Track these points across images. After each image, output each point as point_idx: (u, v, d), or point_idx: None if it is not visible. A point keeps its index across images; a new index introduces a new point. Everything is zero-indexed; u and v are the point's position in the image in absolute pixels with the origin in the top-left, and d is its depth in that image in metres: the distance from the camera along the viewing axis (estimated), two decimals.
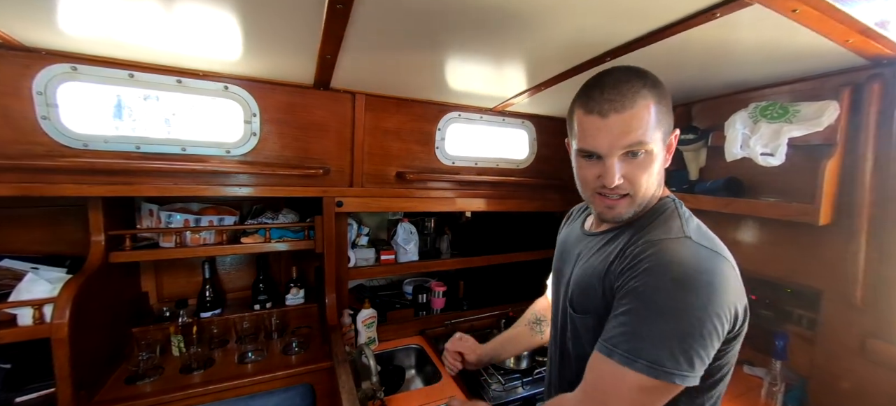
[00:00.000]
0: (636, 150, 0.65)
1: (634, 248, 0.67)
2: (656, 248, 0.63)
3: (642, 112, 0.63)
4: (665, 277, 0.59)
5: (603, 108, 0.64)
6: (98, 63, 1.15)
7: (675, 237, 0.64)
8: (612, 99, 0.64)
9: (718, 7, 0.73)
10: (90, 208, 1.28)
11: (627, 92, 0.63)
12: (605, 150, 0.66)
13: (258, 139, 1.40)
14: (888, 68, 0.96)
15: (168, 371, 1.35)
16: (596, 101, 0.65)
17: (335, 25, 0.85)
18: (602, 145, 0.66)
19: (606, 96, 0.64)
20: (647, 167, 0.66)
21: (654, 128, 0.65)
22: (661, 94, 0.66)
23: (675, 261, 0.60)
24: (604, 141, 0.65)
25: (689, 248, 0.62)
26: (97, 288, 1.25)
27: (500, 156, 1.86)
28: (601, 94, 0.65)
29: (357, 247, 1.80)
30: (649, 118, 0.64)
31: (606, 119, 0.64)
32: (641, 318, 0.60)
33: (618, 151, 0.65)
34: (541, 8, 0.80)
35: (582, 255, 0.81)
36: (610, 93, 0.64)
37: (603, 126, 0.64)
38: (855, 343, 1.07)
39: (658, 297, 0.59)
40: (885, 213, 0.99)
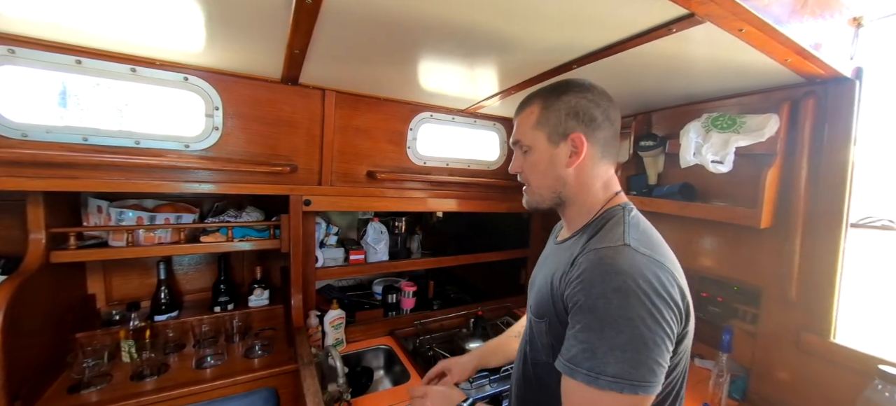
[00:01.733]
0: (521, 146, 0.81)
1: (581, 256, 0.67)
2: (597, 256, 0.64)
3: (528, 116, 0.79)
4: (607, 287, 0.60)
5: (516, 109, 0.84)
6: (40, 47, 1.06)
7: (614, 245, 0.65)
8: (520, 105, 0.83)
9: (674, 23, 0.78)
10: (29, 203, 1.18)
11: (526, 100, 0.81)
12: (512, 142, 0.84)
13: (220, 134, 1.34)
14: (820, 86, 1.06)
15: (117, 378, 1.27)
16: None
17: (304, 20, 0.84)
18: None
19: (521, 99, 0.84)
20: (533, 164, 0.79)
21: (536, 128, 0.77)
22: (558, 101, 0.75)
23: (615, 270, 0.60)
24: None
25: (627, 255, 0.62)
26: (36, 290, 1.15)
27: (471, 157, 1.88)
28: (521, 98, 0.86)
29: (325, 246, 1.77)
30: (530, 121, 0.78)
31: (515, 118, 0.84)
32: (595, 333, 0.59)
33: (513, 143, 0.84)
34: (511, 19, 0.82)
35: (548, 263, 0.85)
36: (524, 98, 0.83)
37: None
38: (790, 336, 1.17)
39: (605, 308, 0.59)
40: (817, 218, 1.09)
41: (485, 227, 2.22)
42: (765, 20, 0.70)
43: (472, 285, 2.27)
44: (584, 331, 0.61)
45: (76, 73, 1.13)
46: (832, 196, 1.06)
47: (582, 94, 0.75)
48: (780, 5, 0.72)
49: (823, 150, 1.07)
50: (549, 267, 0.79)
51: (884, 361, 0.96)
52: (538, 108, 0.76)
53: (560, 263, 0.74)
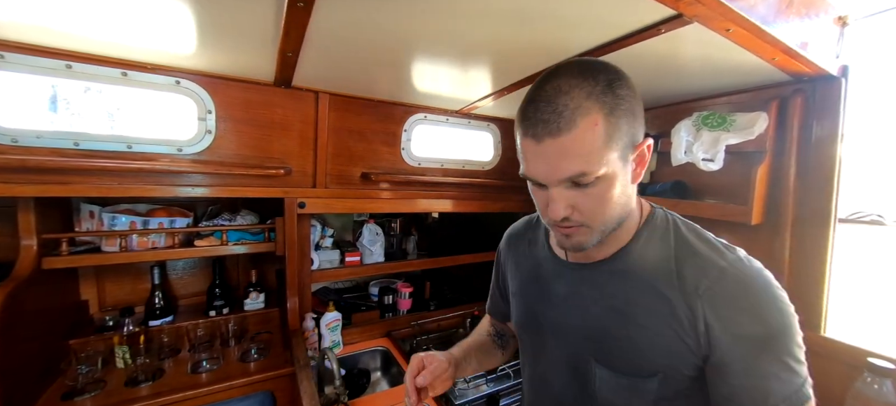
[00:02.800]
0: (580, 180, 0.53)
1: (713, 283, 0.56)
2: (740, 274, 0.56)
3: (586, 134, 0.51)
4: (777, 304, 0.55)
5: (536, 131, 0.52)
6: (30, 51, 1.06)
7: (735, 257, 0.59)
8: (546, 120, 0.51)
9: (663, 23, 0.79)
10: (20, 209, 1.17)
11: (564, 109, 0.51)
12: (544, 177, 0.55)
13: (213, 137, 1.33)
14: (808, 84, 1.08)
15: (111, 385, 1.26)
16: (530, 120, 0.53)
17: (296, 24, 0.84)
18: (539, 174, 0.56)
19: (540, 115, 0.52)
20: (601, 195, 0.55)
21: (605, 148, 0.52)
22: (617, 99, 0.53)
23: (767, 282, 0.56)
24: (540, 169, 0.55)
25: (754, 263, 0.59)
26: (27, 297, 1.14)
27: (465, 157, 1.89)
28: (535, 111, 0.53)
29: (321, 249, 1.77)
30: (596, 138, 0.51)
31: (541, 144, 0.53)
32: (796, 358, 0.54)
33: (552, 182, 0.54)
34: (502, 22, 0.82)
35: (584, 296, 0.66)
36: (544, 110, 0.52)
37: (538, 152, 0.54)
38: None
39: (790, 325, 0.54)
40: (806, 213, 1.11)
41: (480, 226, 2.23)
42: (751, 20, 0.71)
43: (468, 285, 2.28)
44: (788, 359, 0.53)
45: (67, 77, 1.12)
46: (820, 192, 1.08)
47: (620, 77, 0.56)
48: (766, 5, 0.73)
49: (811, 147, 1.09)
50: (607, 300, 0.64)
51: (873, 354, 0.98)
52: (600, 116, 0.51)
53: (628, 291, 0.62)
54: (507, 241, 0.89)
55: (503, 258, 0.90)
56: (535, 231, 0.82)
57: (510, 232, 0.90)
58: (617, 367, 0.63)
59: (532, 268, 0.78)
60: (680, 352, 0.58)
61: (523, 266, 0.81)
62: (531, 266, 0.79)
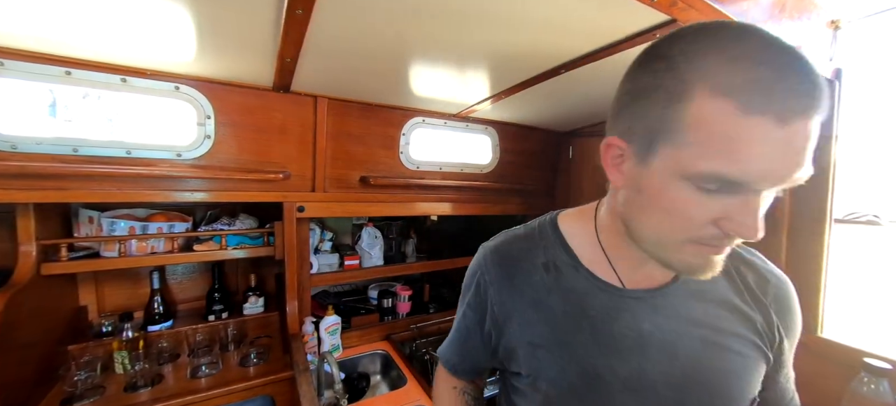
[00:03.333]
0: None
1: (767, 283, 0.56)
2: (780, 275, 0.59)
3: (819, 120, 0.37)
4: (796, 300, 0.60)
5: (787, 106, 0.35)
6: (30, 58, 1.06)
7: (767, 261, 0.61)
8: (801, 91, 0.35)
9: (657, 28, 0.80)
10: (19, 215, 1.17)
11: (818, 80, 0.36)
12: (770, 183, 0.38)
13: (213, 142, 1.34)
14: None
15: (110, 390, 1.26)
16: (773, 93, 0.35)
17: (294, 30, 0.84)
18: (768, 176, 0.37)
19: (793, 84, 0.35)
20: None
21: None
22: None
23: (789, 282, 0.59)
24: (776, 168, 0.37)
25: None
26: (26, 303, 1.14)
27: (464, 161, 1.90)
28: (779, 78, 0.35)
29: (320, 252, 1.77)
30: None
31: (787, 127, 0.35)
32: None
33: (779, 187, 0.39)
34: (498, 28, 0.83)
35: (666, 331, 0.52)
36: (796, 78, 0.35)
37: (780, 140, 0.36)
38: None
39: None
40: (802, 214, 1.12)
41: (479, 229, 2.24)
42: None
43: None
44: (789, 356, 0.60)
45: (66, 83, 1.13)
46: (816, 193, 1.09)
47: None
48: (758, 10, 0.75)
49: None
50: (695, 330, 0.53)
51: (869, 354, 0.99)
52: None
53: (710, 314, 0.53)
54: (499, 267, 0.61)
55: (494, 292, 0.60)
56: (550, 250, 0.59)
57: (499, 253, 0.62)
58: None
59: (569, 304, 0.55)
60: (762, 369, 0.55)
61: (549, 303, 0.56)
62: (565, 301, 0.55)
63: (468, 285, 0.66)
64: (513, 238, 0.64)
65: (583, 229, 0.59)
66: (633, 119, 0.44)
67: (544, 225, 0.63)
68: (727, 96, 0.36)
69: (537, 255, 0.59)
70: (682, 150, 0.39)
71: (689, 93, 0.38)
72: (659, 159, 0.41)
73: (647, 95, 0.41)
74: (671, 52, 0.40)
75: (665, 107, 0.39)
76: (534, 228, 0.63)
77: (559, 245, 0.59)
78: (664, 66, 0.40)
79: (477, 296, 0.63)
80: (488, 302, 0.61)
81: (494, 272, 0.61)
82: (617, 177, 0.48)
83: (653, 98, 0.41)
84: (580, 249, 0.57)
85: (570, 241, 0.58)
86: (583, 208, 0.62)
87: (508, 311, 0.59)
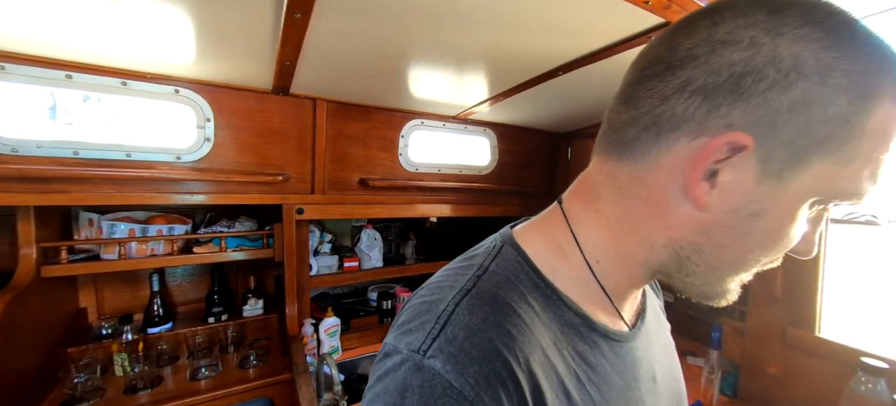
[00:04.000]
0: None
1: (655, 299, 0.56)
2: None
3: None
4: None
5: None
6: (31, 62, 1.07)
7: None
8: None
9: (652, 31, 0.81)
10: (19, 218, 1.17)
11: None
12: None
13: (212, 145, 1.34)
14: None
15: (110, 393, 1.26)
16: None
17: (294, 34, 0.85)
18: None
19: None
20: None
21: None
22: None
23: None
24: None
25: None
26: (26, 305, 1.15)
27: (462, 162, 1.90)
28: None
29: (319, 254, 1.77)
30: None
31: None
32: None
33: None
34: (497, 31, 0.84)
35: (662, 363, 0.48)
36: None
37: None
38: (777, 331, 1.19)
39: None
40: None
41: (478, 230, 2.24)
42: None
43: None
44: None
45: (66, 87, 1.14)
46: None
47: None
48: None
49: None
50: (668, 349, 0.53)
51: (866, 354, 0.99)
52: None
53: (657, 315, 0.54)
54: (490, 384, 0.31)
55: (531, 392, 0.33)
56: (548, 313, 0.38)
57: (481, 352, 0.32)
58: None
59: (607, 390, 0.39)
60: None
61: (585, 400, 0.37)
62: (602, 389, 0.39)
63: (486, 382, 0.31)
64: (485, 311, 0.35)
65: (562, 262, 0.40)
66: (772, 115, 0.30)
67: (511, 266, 0.39)
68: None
69: (538, 327, 0.36)
70: (846, 168, 0.31)
71: (876, 95, 0.29)
72: (807, 175, 0.31)
73: (832, 116, 0.30)
74: (853, 37, 0.30)
75: (845, 108, 0.29)
76: (500, 279, 0.38)
77: (553, 297, 0.39)
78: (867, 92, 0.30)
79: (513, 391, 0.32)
80: (525, 391, 0.32)
81: (487, 388, 0.31)
82: (705, 194, 0.33)
83: (838, 118, 0.30)
84: (576, 296, 0.40)
85: (557, 285, 0.39)
86: (543, 226, 0.43)
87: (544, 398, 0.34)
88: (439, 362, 0.31)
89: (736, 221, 0.33)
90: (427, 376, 0.31)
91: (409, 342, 0.33)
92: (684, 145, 0.33)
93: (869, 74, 0.29)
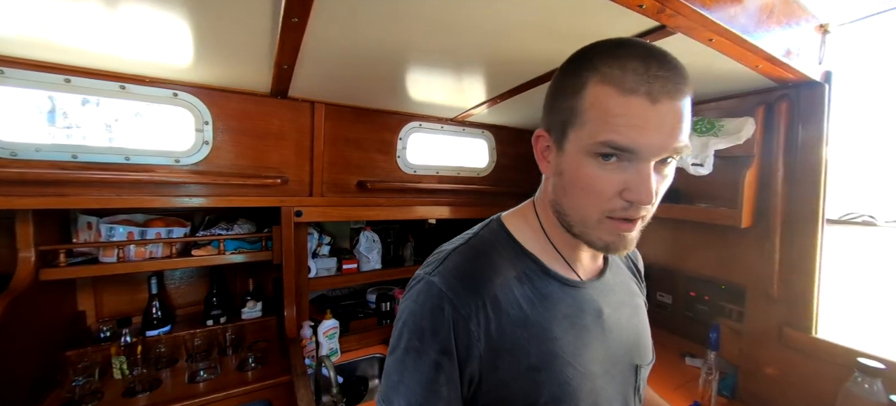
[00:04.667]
0: (673, 157, 0.48)
1: (635, 254, 0.73)
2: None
3: (689, 105, 0.47)
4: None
5: (653, 89, 0.44)
6: (30, 66, 1.07)
7: None
8: (666, 77, 0.44)
9: (648, 34, 0.81)
10: (18, 221, 1.18)
11: (679, 74, 0.45)
12: (650, 149, 0.45)
13: (211, 148, 1.35)
14: (793, 90, 1.10)
15: (108, 396, 1.26)
16: (641, 75, 0.44)
17: (291, 38, 0.85)
18: (648, 142, 0.45)
19: (659, 71, 0.44)
20: (669, 182, 0.51)
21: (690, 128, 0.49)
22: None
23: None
24: (653, 136, 0.45)
25: None
26: (24, 309, 1.15)
27: (460, 164, 1.91)
28: (647, 67, 0.44)
29: (318, 256, 1.77)
30: (689, 114, 0.47)
31: (657, 105, 0.44)
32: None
33: (662, 155, 0.46)
34: (493, 35, 0.85)
35: (620, 311, 0.61)
36: (662, 67, 0.44)
37: (653, 115, 0.44)
38: (774, 332, 1.20)
39: None
40: (795, 216, 1.13)
41: None
42: (732, 30, 0.73)
43: None
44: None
45: (65, 91, 1.14)
46: (808, 194, 1.10)
47: None
48: (746, 16, 0.76)
49: (798, 151, 1.11)
50: (628, 308, 0.64)
51: (863, 354, 0.99)
52: (690, 96, 0.47)
53: (633, 289, 0.68)
54: (474, 292, 0.51)
55: (476, 324, 0.50)
56: (516, 260, 0.56)
57: (465, 275, 0.53)
58: (648, 357, 0.65)
59: (550, 311, 0.55)
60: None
61: (535, 317, 0.53)
62: (546, 310, 0.54)
63: (432, 328, 0.50)
64: (471, 255, 0.55)
65: (531, 230, 0.59)
66: (552, 114, 0.52)
67: (495, 233, 0.59)
68: (610, 84, 0.46)
69: (506, 268, 0.55)
70: (583, 129, 0.48)
71: (585, 84, 0.47)
72: (570, 142, 0.49)
73: (559, 93, 0.51)
74: (576, 59, 0.51)
75: (570, 99, 0.49)
76: (487, 241, 0.58)
77: (521, 252, 0.57)
78: (572, 70, 0.50)
79: (454, 336, 0.49)
80: (471, 339, 0.50)
81: (469, 299, 0.51)
82: (545, 166, 0.55)
83: (563, 94, 0.50)
84: (538, 253, 0.58)
85: (526, 246, 0.58)
86: (521, 209, 0.63)
87: (497, 339, 0.51)
88: (437, 278, 0.52)
89: (558, 180, 0.53)
90: (431, 286, 0.52)
91: (426, 270, 0.55)
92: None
93: (580, 77, 0.48)
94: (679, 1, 0.63)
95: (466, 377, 0.51)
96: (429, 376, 0.49)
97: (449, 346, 0.49)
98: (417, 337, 0.50)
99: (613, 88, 0.45)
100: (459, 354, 0.50)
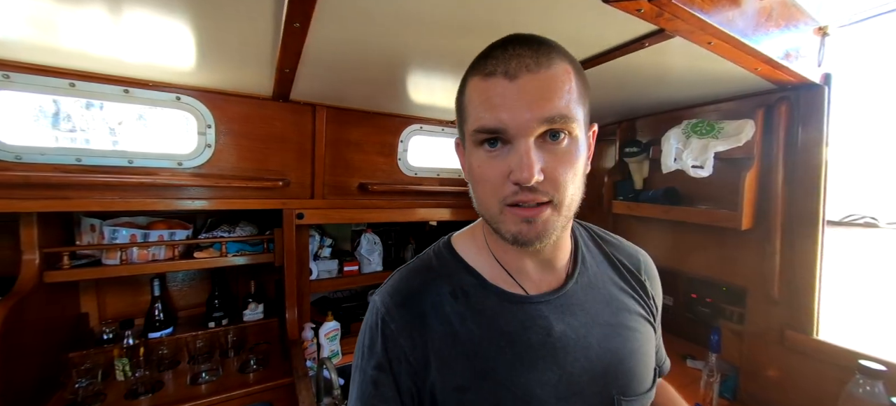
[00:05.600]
0: (558, 129, 0.46)
1: (640, 260, 0.66)
2: (648, 256, 0.68)
3: (563, 75, 0.47)
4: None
5: (509, 67, 0.46)
6: (35, 71, 1.08)
7: (633, 245, 0.70)
8: (523, 54, 0.46)
9: (646, 38, 0.82)
10: (22, 224, 1.19)
11: (540, 48, 0.47)
12: (517, 125, 0.45)
13: (213, 151, 1.36)
14: (792, 92, 1.11)
15: (111, 397, 1.26)
16: (499, 59, 0.47)
17: (293, 42, 0.86)
18: (512, 118, 0.45)
19: (516, 50, 0.47)
20: (573, 161, 0.48)
21: (578, 102, 0.48)
22: (579, 67, 0.51)
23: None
24: (515, 111, 0.45)
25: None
26: (29, 311, 1.16)
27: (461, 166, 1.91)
28: (505, 50, 0.47)
29: (319, 259, 1.78)
30: (572, 85, 0.47)
31: (516, 81, 0.45)
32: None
33: (535, 129, 0.45)
34: (493, 36, 0.85)
35: (577, 328, 0.55)
36: (518, 48, 0.47)
37: (511, 91, 0.45)
38: (775, 334, 1.20)
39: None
40: (795, 217, 1.13)
41: None
42: (730, 34, 0.74)
43: None
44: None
45: (70, 95, 1.15)
46: (808, 196, 1.10)
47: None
48: (744, 19, 0.76)
49: (798, 153, 1.12)
50: (600, 318, 0.57)
51: (864, 356, 0.99)
52: (571, 68, 0.48)
53: (619, 304, 0.59)
54: (404, 308, 0.54)
55: (406, 339, 0.53)
56: (454, 276, 0.57)
57: (399, 293, 0.56)
58: (636, 389, 0.56)
59: (485, 327, 0.53)
60: (653, 339, 0.63)
61: (465, 333, 0.52)
62: (480, 326, 0.53)
63: (369, 344, 0.54)
64: (408, 274, 0.58)
65: (477, 247, 0.59)
66: (458, 122, 0.56)
67: (439, 251, 0.61)
68: (477, 74, 0.49)
69: (441, 285, 0.55)
70: (467, 124, 0.51)
71: (466, 82, 0.52)
72: (466, 140, 0.52)
73: (457, 102, 0.55)
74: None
75: (459, 99, 0.53)
76: (428, 258, 0.60)
77: (461, 268, 0.57)
78: (462, 80, 0.54)
79: (386, 352, 0.52)
80: (402, 353, 0.52)
81: (399, 315, 0.53)
82: (465, 172, 0.56)
83: (457, 102, 0.54)
84: (481, 268, 0.57)
85: (470, 262, 0.58)
86: (472, 227, 0.63)
87: (425, 355, 0.52)
88: (378, 297, 0.57)
89: (469, 179, 0.54)
90: (373, 304, 0.57)
91: (377, 291, 0.59)
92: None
93: (464, 77, 0.52)
94: (677, 5, 0.64)
95: (405, 393, 0.52)
96: (367, 391, 0.52)
97: (382, 361, 0.52)
98: (360, 354, 0.56)
99: (478, 77, 0.49)
100: (393, 370, 0.52)
